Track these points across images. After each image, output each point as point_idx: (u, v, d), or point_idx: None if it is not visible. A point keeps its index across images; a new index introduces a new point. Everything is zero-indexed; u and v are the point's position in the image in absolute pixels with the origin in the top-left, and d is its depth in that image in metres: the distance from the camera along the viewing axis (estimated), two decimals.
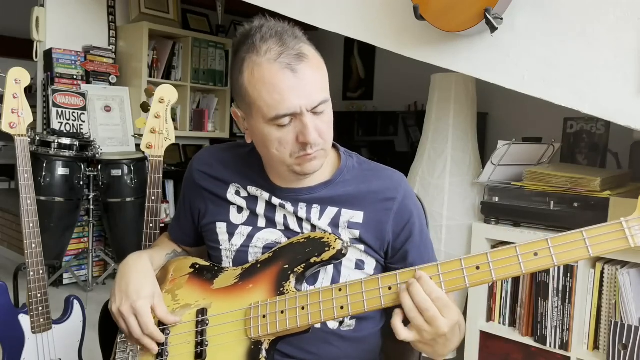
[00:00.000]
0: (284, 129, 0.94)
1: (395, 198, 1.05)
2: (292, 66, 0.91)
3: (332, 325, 1.04)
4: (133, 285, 1.00)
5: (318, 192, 1.05)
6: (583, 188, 1.80)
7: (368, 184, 1.06)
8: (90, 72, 3.74)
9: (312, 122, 0.93)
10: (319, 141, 0.95)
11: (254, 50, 0.93)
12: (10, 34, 6.64)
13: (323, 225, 1.03)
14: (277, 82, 0.91)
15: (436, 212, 2.31)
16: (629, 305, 1.63)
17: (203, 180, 1.12)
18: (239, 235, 1.07)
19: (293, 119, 0.93)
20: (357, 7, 2.01)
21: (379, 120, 4.71)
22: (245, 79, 0.94)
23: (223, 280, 1.03)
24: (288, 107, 0.91)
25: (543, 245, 0.80)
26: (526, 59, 1.69)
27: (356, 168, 1.08)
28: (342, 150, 1.11)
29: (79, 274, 3.61)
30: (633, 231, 0.77)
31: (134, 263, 1.05)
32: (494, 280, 0.83)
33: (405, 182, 1.09)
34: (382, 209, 1.04)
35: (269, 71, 0.91)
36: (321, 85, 0.95)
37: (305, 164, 0.97)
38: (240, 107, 1.00)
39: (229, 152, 1.15)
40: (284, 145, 0.95)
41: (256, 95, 0.93)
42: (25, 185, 1.65)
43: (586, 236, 0.79)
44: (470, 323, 2.03)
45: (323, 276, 1.02)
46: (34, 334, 1.68)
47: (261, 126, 0.95)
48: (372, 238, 1.03)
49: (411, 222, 1.06)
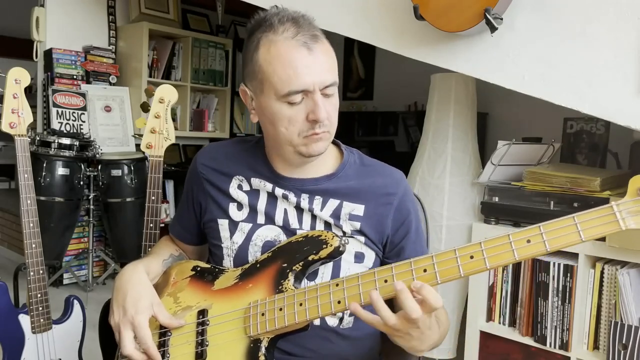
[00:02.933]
0: (294, 106, 0.96)
1: (396, 193, 1.07)
2: (308, 45, 0.95)
3: (332, 322, 1.05)
4: (130, 297, 1.00)
5: (321, 183, 1.06)
6: (583, 188, 1.80)
7: (370, 179, 1.08)
8: (90, 72, 3.74)
9: (322, 102, 0.96)
10: (327, 122, 0.97)
11: (271, 29, 0.96)
12: (10, 34, 6.65)
13: (325, 217, 1.04)
14: (293, 58, 0.94)
15: (436, 212, 2.31)
16: (629, 305, 1.63)
17: (207, 173, 1.13)
18: (240, 233, 1.08)
19: (304, 97, 0.95)
20: (357, 7, 2.01)
21: (379, 120, 4.71)
22: (260, 56, 0.97)
23: (223, 281, 1.04)
24: (301, 83, 0.94)
25: (535, 231, 0.81)
26: (526, 59, 1.69)
27: (357, 164, 1.11)
28: (344, 147, 1.13)
29: (79, 274, 3.62)
30: (624, 214, 0.78)
31: (129, 275, 1.04)
32: (487, 268, 0.83)
33: (405, 180, 1.12)
34: (383, 203, 1.06)
35: (285, 48, 0.94)
36: (333, 67, 0.99)
37: (311, 144, 0.98)
38: (250, 85, 1.02)
39: (233, 146, 1.16)
40: (293, 123, 0.97)
41: (270, 71, 0.95)
42: (25, 185, 1.65)
43: (577, 221, 0.79)
44: (470, 323, 2.03)
45: (323, 270, 1.03)
46: (34, 334, 1.68)
47: (272, 103, 0.97)
48: (372, 231, 1.05)
49: (409, 220, 1.08)
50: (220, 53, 4.38)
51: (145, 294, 1.02)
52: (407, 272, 0.85)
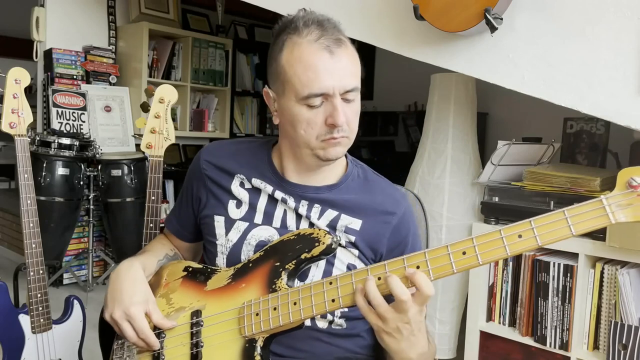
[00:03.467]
0: (314, 109, 0.96)
1: (396, 213, 1.07)
2: (331, 48, 0.95)
3: (322, 325, 1.04)
4: (125, 291, 1.00)
5: (322, 193, 1.06)
6: (583, 188, 1.80)
7: (370, 195, 1.08)
8: (90, 72, 3.74)
9: (342, 107, 0.96)
10: (346, 127, 0.98)
11: (296, 32, 0.97)
12: (10, 34, 6.65)
13: (321, 225, 1.04)
14: (314, 61, 0.94)
15: (436, 212, 2.32)
16: (629, 305, 1.63)
17: (209, 170, 1.13)
18: (235, 231, 1.07)
19: (324, 101, 0.96)
20: (357, 7, 2.01)
21: (379, 120, 4.71)
22: (283, 57, 0.98)
23: (216, 281, 1.04)
24: (321, 86, 0.94)
25: (526, 226, 0.81)
26: (526, 59, 1.69)
27: (361, 177, 1.11)
28: (350, 159, 1.13)
29: (79, 274, 3.62)
30: (613, 208, 0.78)
31: (125, 270, 1.04)
32: (480, 264, 0.84)
33: (407, 200, 1.12)
34: (381, 222, 1.06)
35: (308, 50, 0.95)
36: (355, 72, 0.99)
37: (329, 148, 0.99)
38: (273, 87, 1.03)
39: (237, 145, 1.16)
40: (312, 126, 0.97)
41: (292, 72, 0.96)
42: (25, 185, 1.65)
43: (568, 215, 0.80)
44: (470, 323, 2.03)
45: (314, 273, 1.02)
46: (34, 334, 1.68)
47: (292, 105, 0.97)
48: (366, 247, 1.05)
49: (406, 240, 1.08)
50: (220, 53, 4.38)
51: (140, 289, 1.02)
52: (401, 269, 0.86)
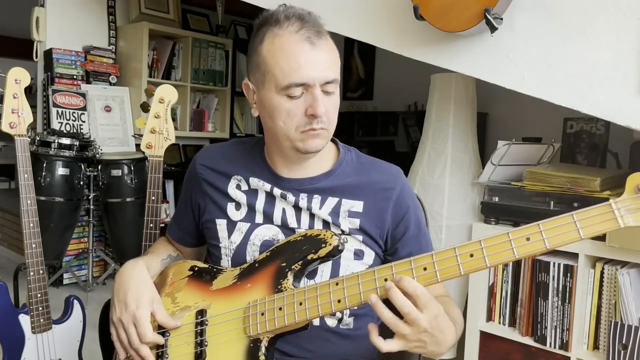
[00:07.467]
0: (294, 100, 0.96)
1: (394, 188, 1.08)
2: (312, 40, 0.96)
3: (331, 323, 1.04)
4: (131, 293, 1.00)
5: (319, 182, 1.06)
6: (583, 188, 1.80)
7: (367, 175, 1.08)
8: (90, 72, 3.74)
9: (322, 98, 0.96)
10: (325, 118, 0.98)
11: (277, 24, 0.98)
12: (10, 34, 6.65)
13: (324, 215, 1.04)
14: (296, 51, 0.95)
15: (436, 212, 2.31)
16: (629, 305, 1.63)
17: (205, 174, 1.13)
18: (238, 232, 1.08)
19: (304, 92, 0.96)
20: (357, 7, 2.01)
21: (379, 120, 4.70)
22: (264, 48, 0.98)
23: (222, 281, 1.04)
24: (302, 76, 0.94)
25: (535, 229, 0.81)
26: (526, 59, 1.69)
27: (354, 161, 1.11)
28: (341, 145, 1.13)
29: (79, 274, 3.61)
30: (622, 212, 0.78)
31: (130, 271, 1.04)
32: (487, 266, 0.83)
33: (403, 175, 1.12)
34: (382, 198, 1.06)
35: (289, 41, 0.96)
36: (335, 65, 0.99)
37: (308, 140, 0.99)
38: (252, 79, 1.03)
39: (231, 147, 1.17)
40: (292, 117, 0.97)
41: (273, 63, 0.96)
42: (25, 185, 1.65)
43: (576, 219, 0.80)
44: (470, 323, 2.03)
45: (322, 268, 1.03)
46: (34, 334, 1.68)
47: (272, 96, 0.98)
48: (372, 226, 1.05)
49: (409, 214, 1.08)
50: (220, 53, 4.38)
51: (146, 289, 1.02)
52: (407, 271, 0.85)
